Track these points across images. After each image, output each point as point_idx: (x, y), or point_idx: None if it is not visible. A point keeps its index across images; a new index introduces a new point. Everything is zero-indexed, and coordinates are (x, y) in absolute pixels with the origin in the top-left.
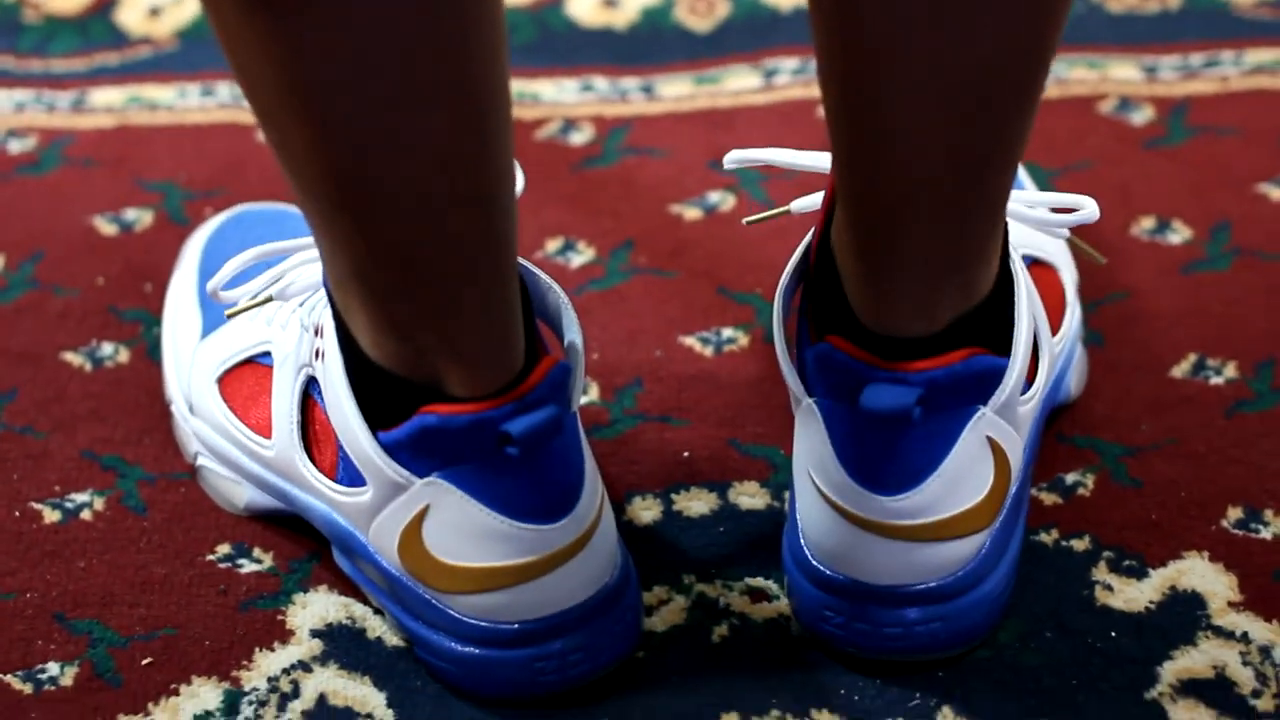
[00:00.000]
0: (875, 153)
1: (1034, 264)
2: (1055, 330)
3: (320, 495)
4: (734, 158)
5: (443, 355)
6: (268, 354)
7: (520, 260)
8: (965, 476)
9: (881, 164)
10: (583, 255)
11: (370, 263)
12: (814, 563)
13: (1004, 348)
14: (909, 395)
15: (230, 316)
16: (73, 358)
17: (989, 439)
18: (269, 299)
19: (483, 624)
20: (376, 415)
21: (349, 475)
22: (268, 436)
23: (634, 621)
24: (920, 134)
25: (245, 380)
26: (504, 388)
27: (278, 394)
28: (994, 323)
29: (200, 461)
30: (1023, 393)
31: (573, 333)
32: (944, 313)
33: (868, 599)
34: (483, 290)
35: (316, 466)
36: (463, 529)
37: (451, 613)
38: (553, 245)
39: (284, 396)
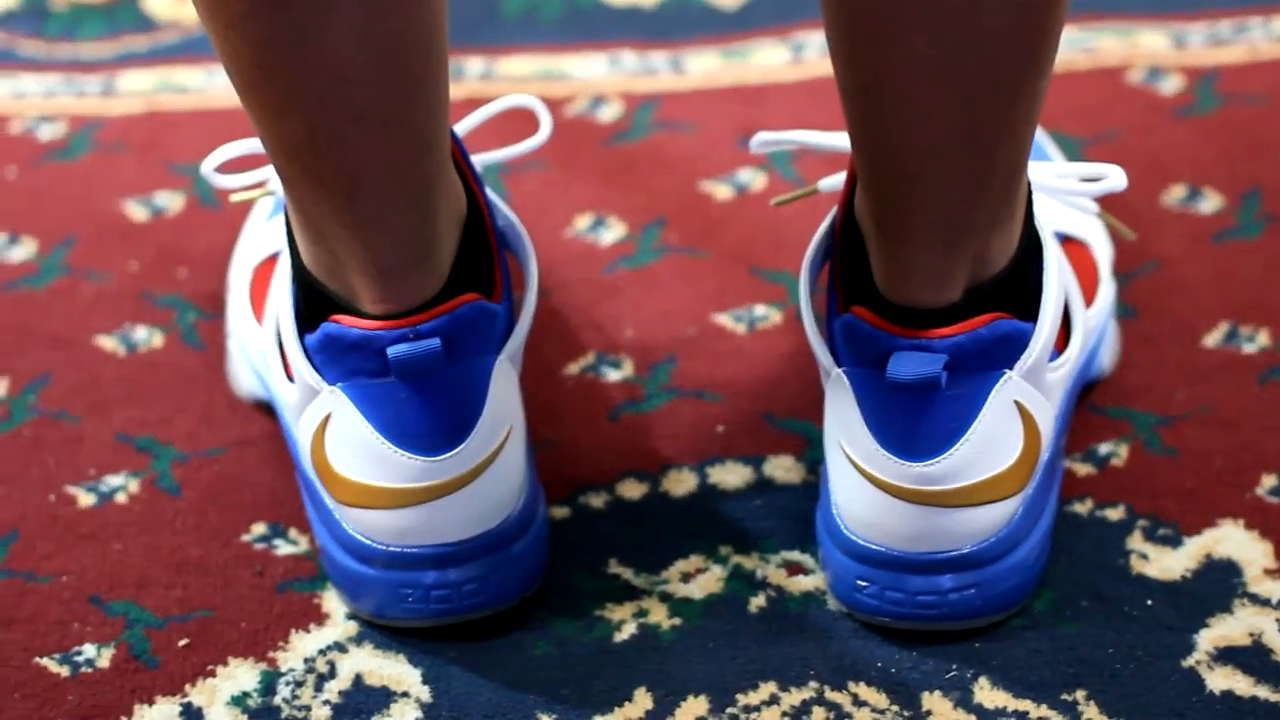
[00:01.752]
0: (885, 122)
1: (1066, 241)
2: (1088, 304)
3: (276, 387)
4: (761, 139)
5: (355, 267)
6: None
7: (494, 198)
8: (994, 441)
9: (891, 133)
10: (613, 231)
11: (284, 160)
12: (846, 533)
13: (1029, 315)
14: (934, 363)
15: (233, 202)
16: (106, 342)
17: (1016, 403)
18: (264, 187)
19: (361, 540)
20: (311, 320)
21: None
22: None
23: (518, 573)
24: (927, 103)
25: (268, 272)
26: (409, 312)
27: (273, 286)
28: (1017, 292)
29: (230, 344)
30: (1051, 359)
31: (531, 292)
32: (959, 283)
33: (901, 567)
34: (385, 204)
35: (282, 358)
36: (352, 443)
37: (340, 523)
38: (583, 222)
39: (275, 289)
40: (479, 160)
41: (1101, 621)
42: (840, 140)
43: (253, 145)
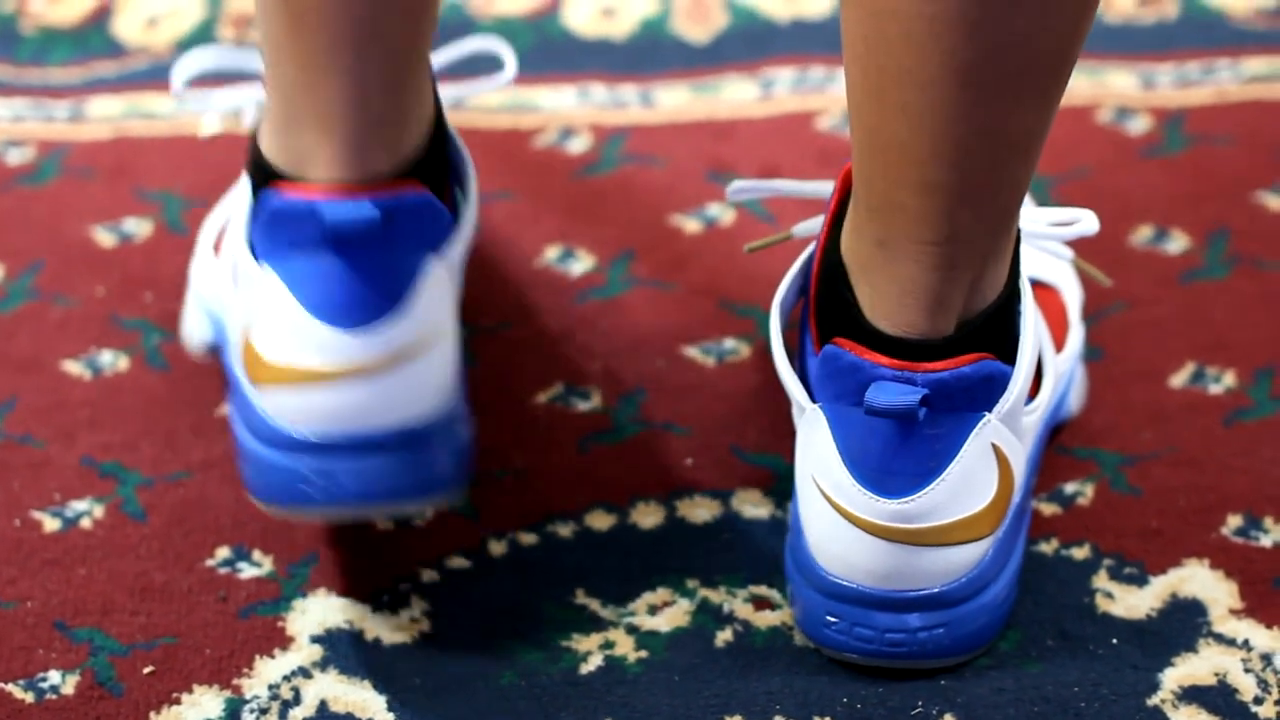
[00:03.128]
0: (904, 127)
1: (1036, 285)
2: (1059, 349)
3: (226, 308)
4: (737, 188)
5: (317, 124)
6: None
7: (451, 129)
8: (970, 482)
9: (910, 139)
10: (583, 263)
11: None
12: (817, 567)
13: (1010, 358)
14: (914, 394)
15: (204, 135)
16: (72, 366)
17: (994, 446)
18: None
19: (268, 420)
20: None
21: None
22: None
23: (429, 476)
24: (955, 106)
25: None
26: (358, 184)
27: (230, 215)
28: (1001, 332)
29: (187, 296)
30: (1026, 403)
31: (471, 208)
32: (953, 312)
33: (870, 604)
34: (368, 55)
35: None
36: (274, 319)
37: (252, 405)
38: (552, 253)
39: (233, 213)
40: (446, 93)
41: (1067, 660)
42: (816, 188)
43: (221, 60)
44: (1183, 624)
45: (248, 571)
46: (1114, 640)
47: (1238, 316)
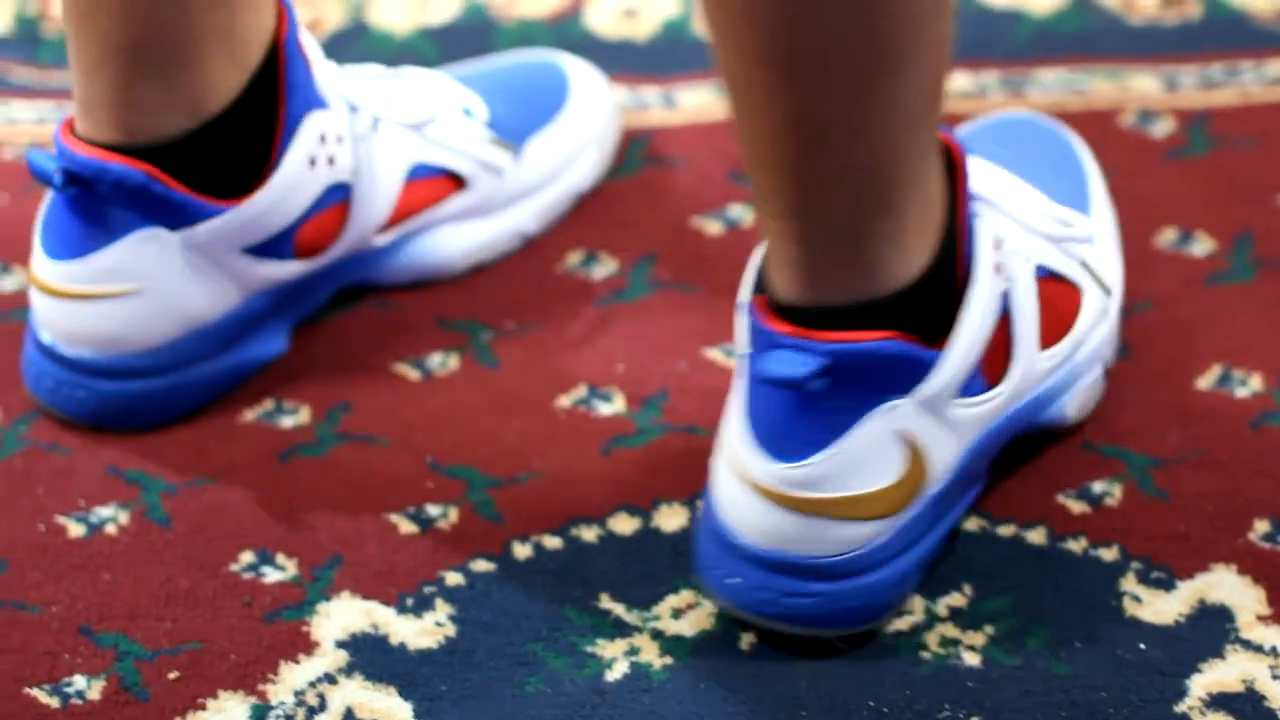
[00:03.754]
0: (735, 109)
1: (1049, 278)
2: (1047, 345)
3: None
4: None
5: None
6: None
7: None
8: (864, 461)
9: (739, 121)
10: (605, 267)
11: None
12: (714, 518)
13: (938, 342)
14: (805, 365)
15: None
16: None
17: (902, 431)
18: None
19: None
20: None
21: None
22: None
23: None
24: (760, 94)
25: None
26: (106, 144)
27: None
28: (925, 315)
29: None
30: (969, 394)
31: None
32: (835, 286)
33: (749, 560)
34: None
35: None
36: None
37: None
38: (574, 257)
39: None
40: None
41: (1094, 664)
42: None
43: None
44: (1210, 630)
45: (272, 575)
46: (1141, 645)
47: (1263, 320)
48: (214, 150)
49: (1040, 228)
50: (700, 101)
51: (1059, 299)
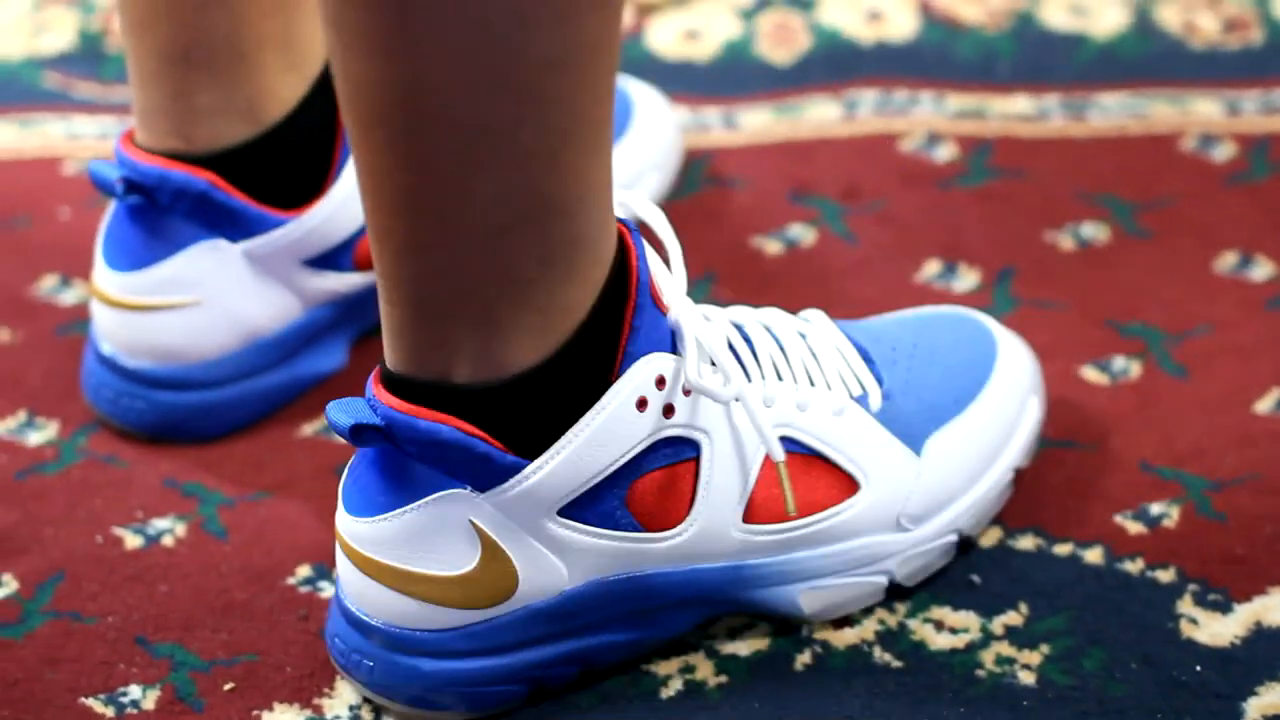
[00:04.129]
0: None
1: (807, 456)
2: (763, 520)
3: None
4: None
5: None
6: None
7: None
8: (429, 541)
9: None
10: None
11: None
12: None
13: (523, 447)
14: (352, 417)
15: None
16: None
17: (476, 524)
18: None
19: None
20: None
21: None
22: None
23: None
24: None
25: None
26: (164, 152)
27: None
28: (509, 417)
29: None
30: (593, 523)
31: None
32: (420, 362)
33: (343, 615)
34: None
35: None
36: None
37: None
38: None
39: None
40: None
41: (1150, 686)
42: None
43: None
44: (1268, 653)
45: (329, 590)
46: (1198, 667)
47: None
48: (274, 159)
49: (800, 400)
50: (761, 122)
51: (815, 482)
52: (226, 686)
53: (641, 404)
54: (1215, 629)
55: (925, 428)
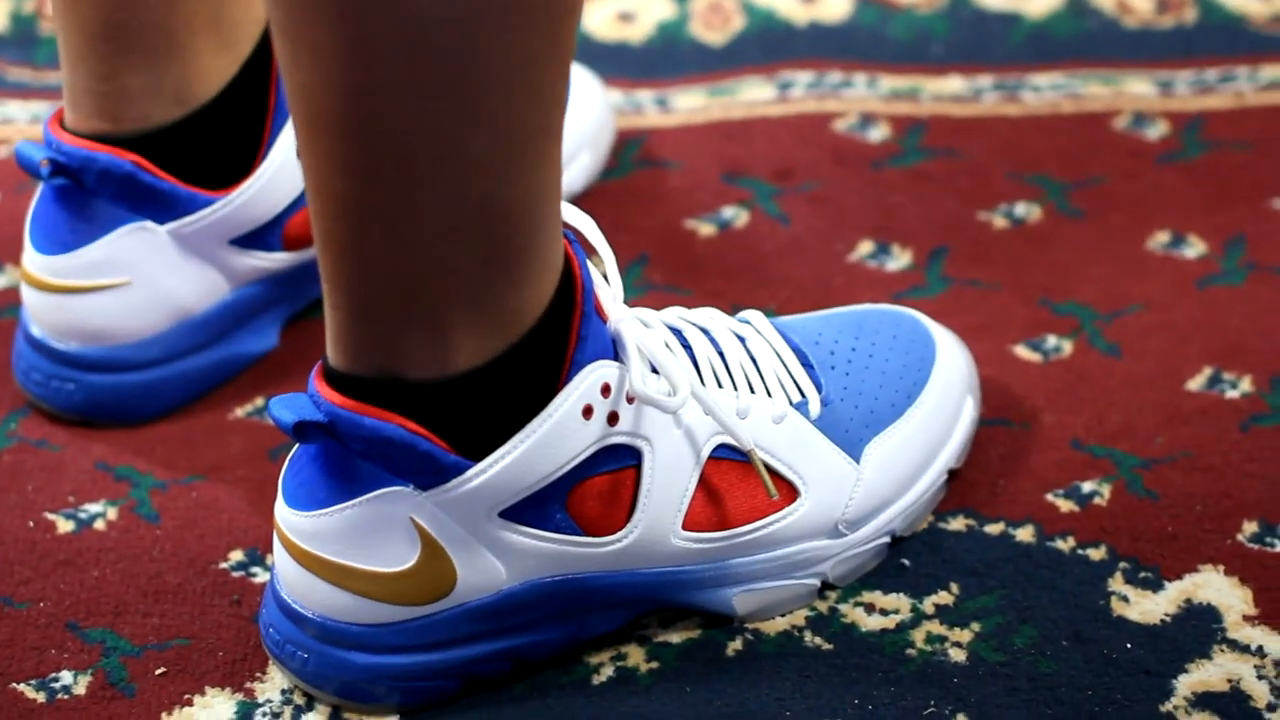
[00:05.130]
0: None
1: (742, 461)
2: (704, 528)
3: None
4: None
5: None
6: None
7: None
8: (369, 538)
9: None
10: (596, 269)
11: None
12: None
13: (465, 447)
14: (295, 414)
15: None
16: None
17: (416, 522)
18: None
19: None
20: None
21: None
22: None
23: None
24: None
25: None
26: (90, 134)
27: None
28: (450, 415)
29: None
30: (535, 525)
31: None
32: (349, 351)
33: (279, 607)
34: None
35: None
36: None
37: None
38: None
39: None
40: None
41: (1080, 663)
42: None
43: None
44: (1197, 630)
45: (261, 575)
46: (1128, 644)
47: (1254, 322)
48: (202, 139)
49: (740, 408)
50: (694, 104)
51: (754, 489)
52: (158, 671)
53: (587, 411)
54: (1146, 606)
55: (864, 434)
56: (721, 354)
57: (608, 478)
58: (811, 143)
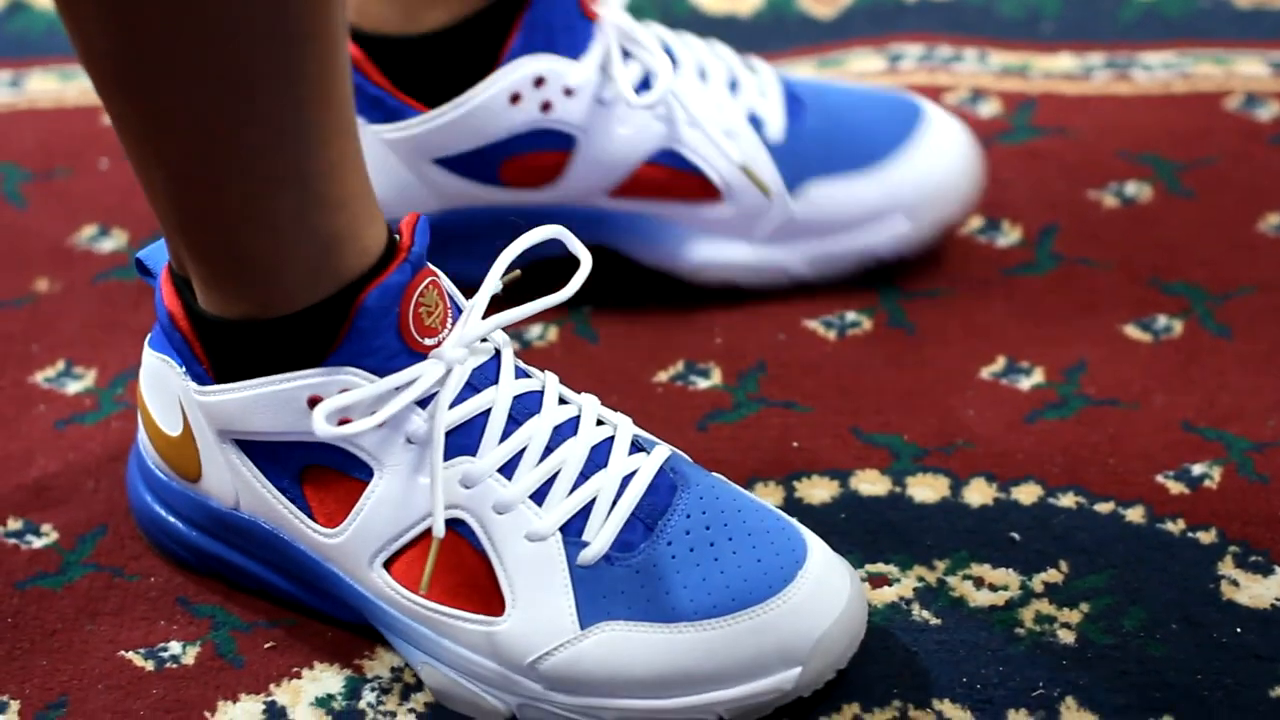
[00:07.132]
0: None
1: (473, 547)
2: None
3: None
4: None
5: None
6: None
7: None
8: (160, 394)
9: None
10: None
11: None
12: None
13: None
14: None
15: None
16: None
17: (181, 399)
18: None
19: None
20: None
21: None
22: None
23: None
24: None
25: None
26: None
27: None
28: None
29: None
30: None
31: None
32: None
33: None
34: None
35: None
36: None
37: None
38: None
39: None
40: None
41: (1190, 647)
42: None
43: None
44: None
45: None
46: (1238, 629)
47: None
48: (428, 59)
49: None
50: (804, 76)
51: (461, 576)
52: (267, 645)
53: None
54: (1256, 591)
55: (630, 611)
56: None
57: (341, 477)
58: None
